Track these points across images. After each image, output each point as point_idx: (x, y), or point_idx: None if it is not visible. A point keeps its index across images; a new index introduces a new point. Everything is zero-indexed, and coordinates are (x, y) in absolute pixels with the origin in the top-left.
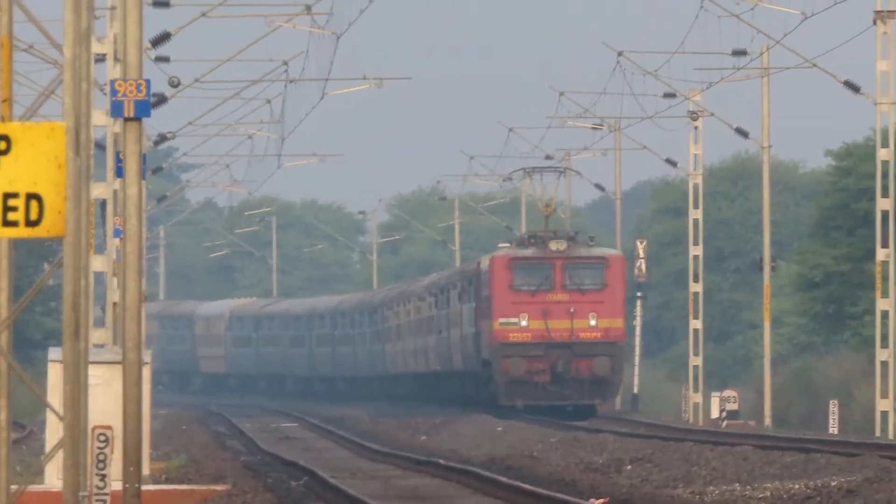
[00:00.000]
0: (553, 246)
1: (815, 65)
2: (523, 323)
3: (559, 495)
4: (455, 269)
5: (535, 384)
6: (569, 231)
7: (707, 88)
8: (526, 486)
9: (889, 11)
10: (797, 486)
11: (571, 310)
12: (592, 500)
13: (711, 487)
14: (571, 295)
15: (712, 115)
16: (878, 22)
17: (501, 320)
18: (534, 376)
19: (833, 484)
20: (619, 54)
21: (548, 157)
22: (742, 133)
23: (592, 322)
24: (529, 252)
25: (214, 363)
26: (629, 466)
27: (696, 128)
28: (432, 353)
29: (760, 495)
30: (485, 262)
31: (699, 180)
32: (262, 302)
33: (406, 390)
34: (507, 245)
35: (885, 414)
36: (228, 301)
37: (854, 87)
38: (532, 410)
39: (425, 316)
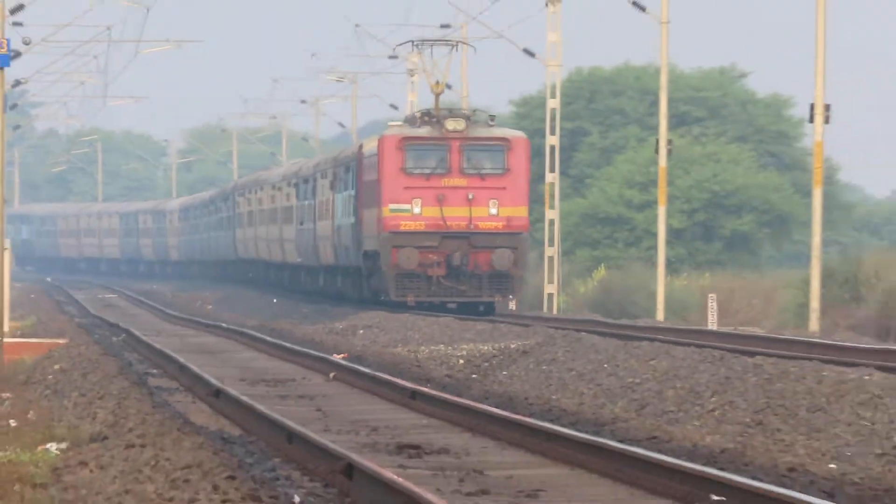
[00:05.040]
0: (450, 125)
1: (502, 36)
2: (416, 210)
3: (311, 351)
4: (324, 156)
5: (429, 278)
6: (466, 110)
7: (420, 51)
8: (287, 343)
9: None
10: (486, 347)
11: (470, 196)
12: (335, 354)
13: (423, 347)
14: (470, 180)
15: (424, 71)
16: (549, 4)
17: (392, 206)
18: (427, 269)
19: (513, 346)
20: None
21: (302, 102)
22: (448, 87)
23: (493, 210)
24: (423, 132)
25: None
26: (362, 331)
27: (412, 81)
28: (290, 245)
29: (459, 353)
30: (370, 144)
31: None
32: (195, 196)
33: (260, 278)
34: (398, 124)
35: (550, 296)
36: (180, 199)
37: (531, 53)
38: (424, 307)
39: (281, 206)
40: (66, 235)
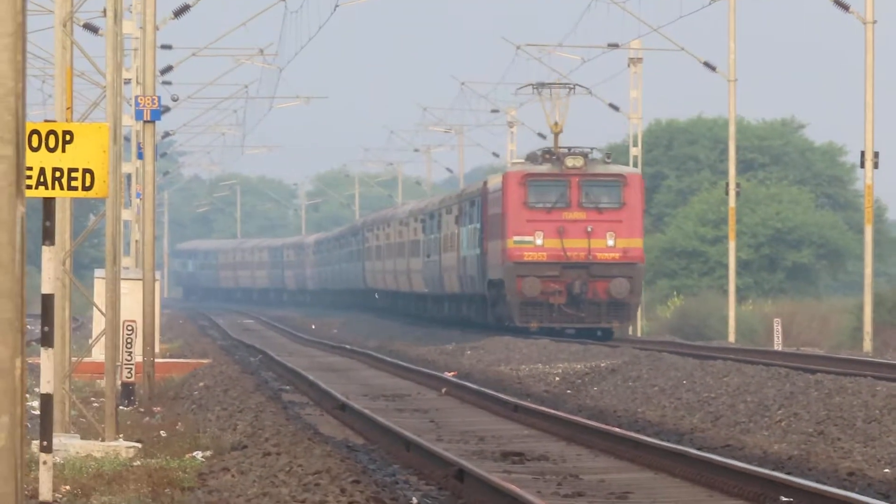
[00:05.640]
0: (569, 162)
1: (590, 92)
2: (538, 241)
3: (424, 369)
4: (450, 194)
5: (551, 305)
6: (584, 148)
7: (521, 106)
8: (403, 363)
9: (637, 59)
10: (579, 366)
11: (588, 229)
12: (447, 372)
13: (523, 366)
14: (588, 213)
15: (522, 124)
16: (631, 65)
17: (516, 238)
18: (549, 297)
19: (602, 365)
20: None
21: (415, 151)
22: (541, 136)
23: (610, 242)
24: (544, 168)
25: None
26: (469, 352)
27: (511, 132)
28: (417, 276)
29: (555, 371)
30: (494, 180)
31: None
32: (329, 232)
33: (387, 306)
34: (520, 161)
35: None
36: (315, 234)
37: (615, 108)
38: (546, 332)
39: (409, 240)
40: (224, 268)
